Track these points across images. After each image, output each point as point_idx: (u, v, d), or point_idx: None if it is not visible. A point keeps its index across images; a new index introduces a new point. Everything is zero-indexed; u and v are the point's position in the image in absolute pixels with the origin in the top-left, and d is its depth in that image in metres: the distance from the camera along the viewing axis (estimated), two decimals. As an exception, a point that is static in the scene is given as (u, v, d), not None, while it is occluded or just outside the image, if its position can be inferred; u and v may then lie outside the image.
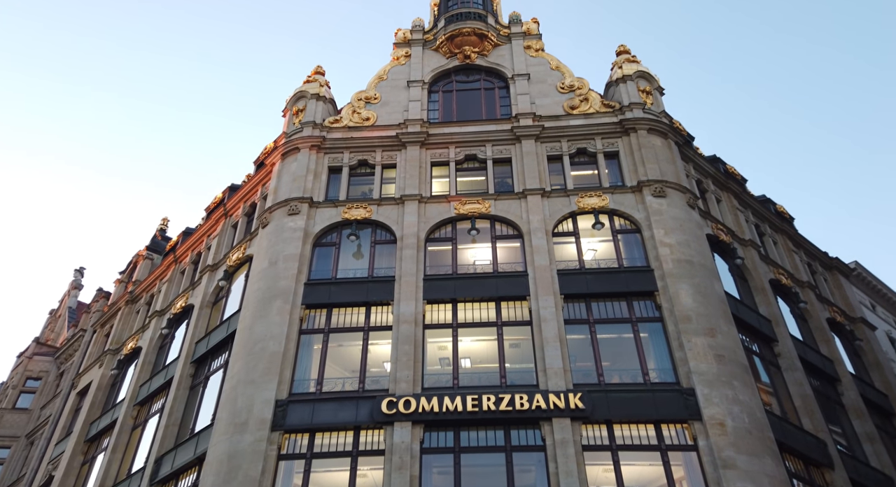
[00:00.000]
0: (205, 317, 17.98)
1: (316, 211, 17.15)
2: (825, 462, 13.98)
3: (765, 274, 18.17)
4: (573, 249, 16.13)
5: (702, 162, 19.55)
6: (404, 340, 14.00)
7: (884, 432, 17.94)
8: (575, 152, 18.04)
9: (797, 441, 13.78)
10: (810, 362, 16.90)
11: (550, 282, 14.91)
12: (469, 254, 16.52)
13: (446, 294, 15.12)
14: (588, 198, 16.64)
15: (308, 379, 13.97)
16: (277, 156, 19.11)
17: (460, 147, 18.45)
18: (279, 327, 14.38)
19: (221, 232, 20.52)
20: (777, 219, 21.79)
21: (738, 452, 11.76)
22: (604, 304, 14.92)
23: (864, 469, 15.19)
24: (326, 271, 16.00)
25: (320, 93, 20.23)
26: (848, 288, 23.30)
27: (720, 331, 13.89)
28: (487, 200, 16.89)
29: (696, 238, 15.89)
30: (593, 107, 18.82)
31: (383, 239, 16.71)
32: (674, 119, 19.67)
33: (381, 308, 15.04)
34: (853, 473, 14.51)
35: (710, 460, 11.78)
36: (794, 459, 13.52)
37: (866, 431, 16.67)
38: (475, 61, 20.66)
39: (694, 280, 14.69)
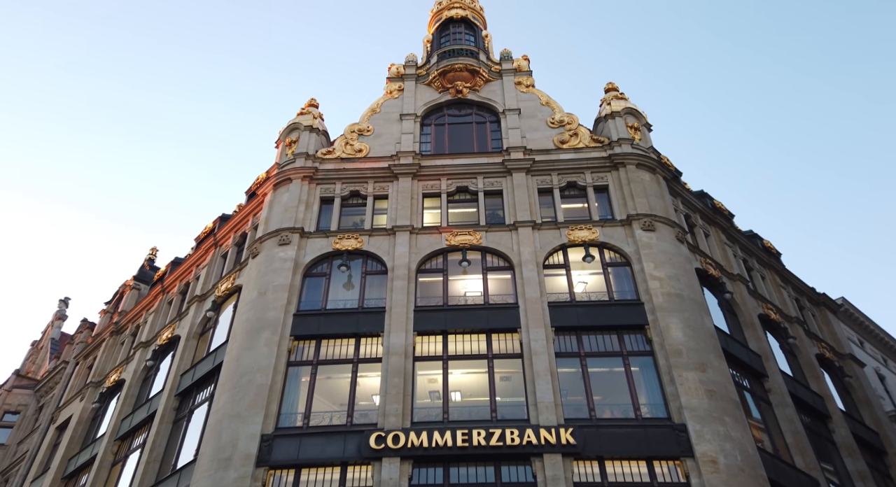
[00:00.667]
0: (191, 349, 17.68)
1: (307, 241, 17.12)
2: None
3: (753, 308, 18.27)
4: (564, 282, 16.17)
5: (689, 197, 19.86)
6: (394, 372, 13.81)
7: (875, 470, 17.78)
8: (565, 185, 18.28)
9: (790, 479, 13.61)
10: (801, 398, 16.85)
11: (541, 315, 14.88)
12: (460, 286, 16.49)
13: (437, 325, 15.03)
14: (578, 230, 16.78)
15: (295, 413, 13.67)
16: (269, 186, 19.17)
17: (452, 179, 18.63)
18: (267, 359, 14.16)
19: (211, 262, 20.39)
20: (764, 255, 22.04)
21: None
22: (594, 337, 14.88)
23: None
24: (316, 302, 15.87)
25: (313, 125, 20.46)
26: (836, 323, 23.44)
27: (711, 366, 13.85)
28: (479, 232, 16.97)
29: (686, 272, 16.00)
30: (583, 141, 19.17)
31: (374, 269, 16.67)
32: (661, 154, 20.05)
33: (370, 339, 14.89)
34: (847, 512, 14.31)
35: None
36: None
37: (858, 469, 16.52)
38: (467, 96, 21.07)
39: (684, 314, 14.73)
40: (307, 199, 18.25)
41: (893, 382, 25.18)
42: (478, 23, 24.53)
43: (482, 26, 24.78)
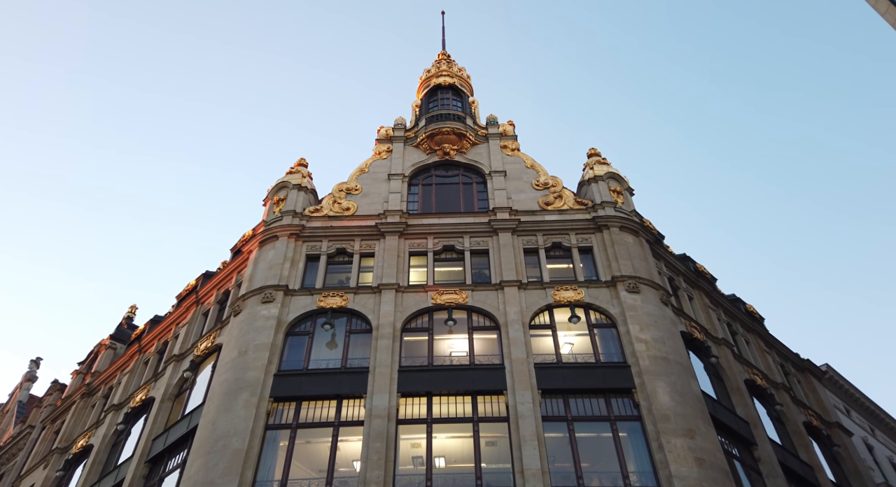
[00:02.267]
0: (165, 411, 16.93)
1: (291, 299, 16.89)
2: None
3: (739, 373, 18.15)
4: (550, 342, 16.00)
5: (672, 260, 20.15)
6: (376, 436, 13.27)
7: (871, 545, 17.20)
8: (550, 246, 18.48)
9: (785, 555, 13.05)
10: (791, 468, 16.46)
11: (528, 376, 14.61)
12: (445, 345, 16.23)
13: (421, 386, 14.64)
14: (564, 291, 16.81)
15: (271, 480, 12.94)
16: (255, 243, 19.10)
17: (438, 238, 18.76)
18: (244, 422, 13.58)
19: (192, 320, 19.94)
20: (748, 319, 22.17)
21: (726, 567, 11.03)
22: (582, 401, 14.57)
23: None
24: (298, 361, 15.45)
25: (302, 184, 20.70)
26: (821, 391, 23.33)
27: (699, 433, 13.56)
28: (465, 291, 16.91)
29: (671, 335, 15.97)
30: (567, 203, 19.58)
31: (359, 328, 16.39)
32: (644, 218, 20.50)
33: (352, 401, 14.40)
34: None
35: (698, 576, 10.98)
36: (784, 575, 12.71)
37: (854, 544, 15.95)
38: (454, 158, 21.61)
39: (671, 378, 14.57)
40: (293, 257, 18.16)
41: (882, 452, 24.83)
42: (465, 90, 25.57)
43: (469, 93, 25.82)
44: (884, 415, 27.03)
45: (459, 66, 27.02)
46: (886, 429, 27.02)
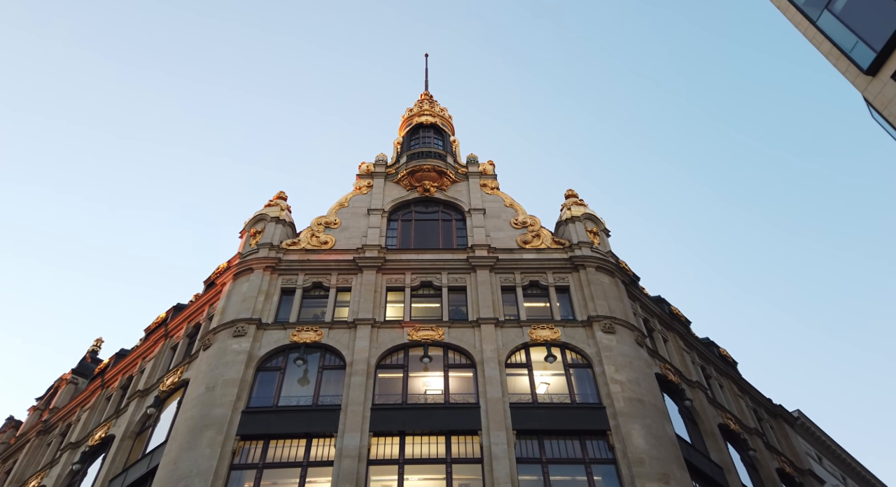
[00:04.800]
0: (125, 450, 16.16)
1: (263, 333, 16.53)
2: None
3: (713, 418, 18.13)
4: (526, 382, 15.85)
5: (648, 301, 20.35)
6: (346, 478, 12.82)
7: None
8: (528, 284, 18.55)
9: None
10: (766, 516, 16.31)
11: (503, 416, 14.38)
12: (420, 383, 15.95)
13: (394, 426, 14.28)
14: (541, 330, 16.78)
15: (233, 523, 12.34)
16: (229, 276, 18.79)
17: (416, 273, 18.70)
18: (208, 461, 13.02)
19: (159, 354, 19.32)
20: (721, 363, 22.32)
21: None
22: (557, 443, 14.34)
23: None
24: (268, 398, 15.00)
25: (280, 217, 20.61)
26: (794, 437, 23.38)
27: (674, 478, 13.42)
28: (441, 327, 16.77)
29: (646, 376, 15.97)
30: (545, 243, 19.79)
31: (332, 364, 16.05)
32: (620, 259, 20.79)
33: (322, 440, 13.95)
34: None
35: None
36: None
37: None
38: (434, 195, 21.82)
39: (646, 420, 14.48)
40: (267, 290, 17.89)
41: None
42: (446, 129, 26.07)
43: (450, 132, 26.32)
44: (855, 464, 27.12)
45: (441, 106, 27.65)
46: (858, 478, 27.06)
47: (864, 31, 12.79)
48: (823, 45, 14.03)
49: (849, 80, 13.83)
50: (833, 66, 14.00)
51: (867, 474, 27.30)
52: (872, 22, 12.62)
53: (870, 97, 13.32)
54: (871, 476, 27.45)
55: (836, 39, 13.57)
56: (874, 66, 12.51)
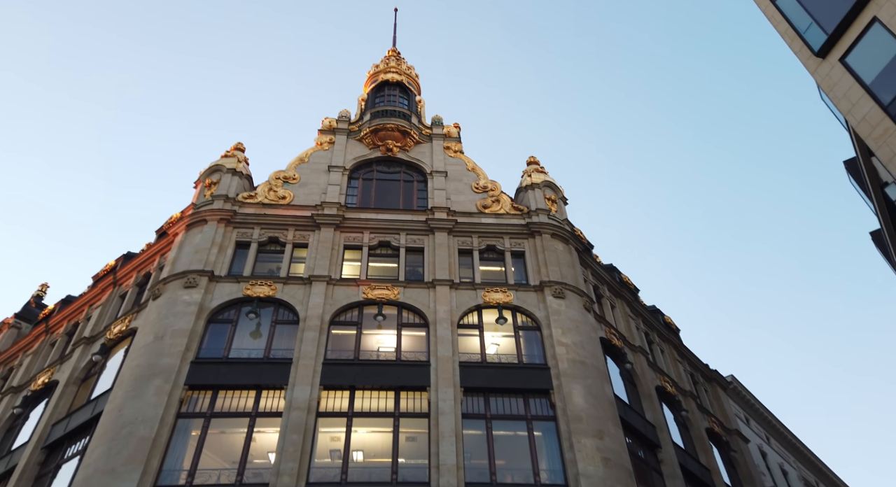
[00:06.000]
0: (69, 396, 16.03)
1: (216, 285, 16.41)
2: (702, 572, 14.13)
3: (651, 380, 19.16)
4: (476, 342, 16.34)
5: (599, 269, 21.02)
6: (294, 428, 13.12)
7: (756, 544, 18.59)
8: (484, 248, 18.86)
9: (677, 550, 13.92)
10: (690, 471, 17.53)
11: (452, 374, 14.86)
12: (374, 340, 16.24)
13: (345, 380, 14.60)
14: (494, 293, 17.20)
15: (179, 470, 12.53)
16: (182, 226, 18.41)
17: (375, 233, 18.75)
18: (154, 409, 13.08)
19: (107, 302, 19.00)
20: (664, 329, 23.42)
21: (621, 560, 11.66)
22: (501, 400, 14.97)
23: None
24: (218, 349, 15.02)
25: (237, 169, 20.15)
26: (725, 400, 24.95)
27: (608, 434, 14.25)
28: (397, 287, 16.99)
29: (591, 340, 16.68)
30: (504, 208, 20.05)
31: (285, 319, 16.13)
32: (575, 227, 21.28)
33: (272, 392, 14.17)
34: None
35: (595, 568, 11.56)
36: (675, 569, 13.56)
37: (741, 543, 17.18)
38: (397, 155, 21.66)
39: (587, 381, 15.22)
40: (221, 242, 17.65)
41: (774, 459, 26.84)
42: (412, 88, 25.66)
43: (416, 92, 25.93)
44: (780, 426, 29.23)
45: (408, 64, 27.10)
46: (781, 439, 29.23)
47: (818, 13, 12.99)
48: (781, 25, 14.27)
49: (801, 61, 14.21)
50: (788, 47, 14.30)
51: (788, 434, 29.49)
52: (827, 3, 12.83)
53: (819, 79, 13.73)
54: (792, 436, 29.68)
55: (793, 19, 13.76)
56: (824, 49, 12.78)
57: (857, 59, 12.53)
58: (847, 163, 18.05)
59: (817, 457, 30.91)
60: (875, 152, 12.50)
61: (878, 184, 15.03)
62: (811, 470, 30.47)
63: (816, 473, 30.84)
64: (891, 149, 12.04)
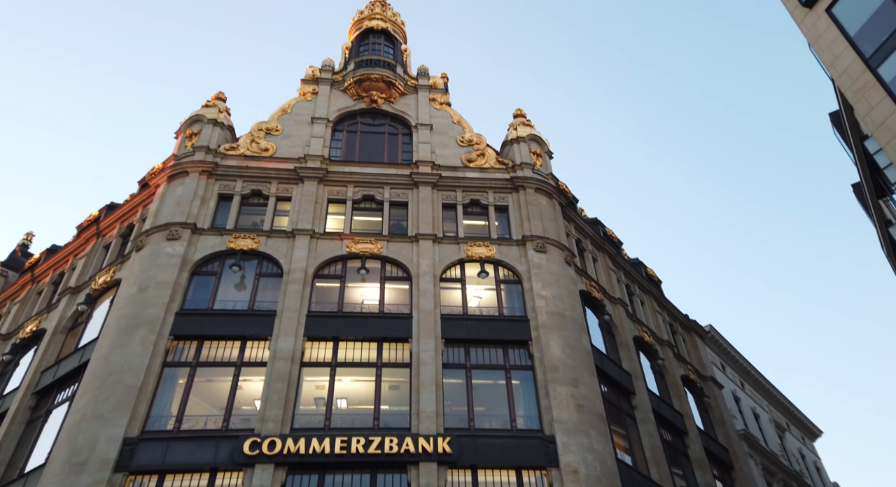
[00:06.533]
0: (57, 344, 16.38)
1: (199, 238, 16.48)
2: (667, 509, 15.10)
3: (630, 331, 19.75)
4: (458, 295, 16.68)
5: (582, 223, 21.20)
6: (278, 377, 13.58)
7: (722, 482, 19.73)
8: (468, 203, 18.93)
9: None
10: (663, 415, 18.38)
11: (433, 326, 15.26)
12: (357, 293, 16.55)
13: (328, 332, 14.98)
14: (477, 247, 17.42)
15: (167, 416, 13.04)
16: (163, 178, 18.28)
17: (359, 187, 18.72)
18: (140, 358, 13.44)
19: (91, 252, 19.10)
20: (645, 281, 23.90)
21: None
22: (482, 350, 15.46)
23: (701, 517, 16.55)
24: (202, 301, 15.28)
25: (218, 119, 19.81)
26: (702, 348, 25.81)
27: (583, 382, 14.84)
28: (380, 241, 17.15)
29: (570, 293, 17.07)
30: (489, 162, 19.97)
31: (269, 272, 16.34)
32: (560, 181, 21.30)
33: (257, 343, 14.55)
34: (690, 520, 15.76)
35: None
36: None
37: (706, 482, 18.23)
38: (381, 106, 21.30)
39: (564, 332, 15.69)
40: (203, 195, 17.60)
41: (747, 404, 28.08)
42: (398, 36, 24.92)
43: (402, 40, 25.20)
44: (754, 372, 30.40)
45: (394, 11, 26.18)
46: (755, 384, 30.46)
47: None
48: (771, -25, 13.92)
49: (789, 12, 13.94)
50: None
51: (762, 379, 30.72)
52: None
53: (805, 30, 13.53)
54: (765, 381, 30.93)
55: (783, -31, 13.46)
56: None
57: (843, 10, 12.33)
58: (832, 116, 18.01)
59: (789, 401, 32.32)
60: (854, 105, 12.51)
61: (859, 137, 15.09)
62: (783, 413, 31.93)
63: (788, 415, 32.33)
64: (869, 102, 12.04)
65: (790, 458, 28.29)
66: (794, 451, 29.80)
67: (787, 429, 30.94)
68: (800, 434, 32.64)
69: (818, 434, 34.39)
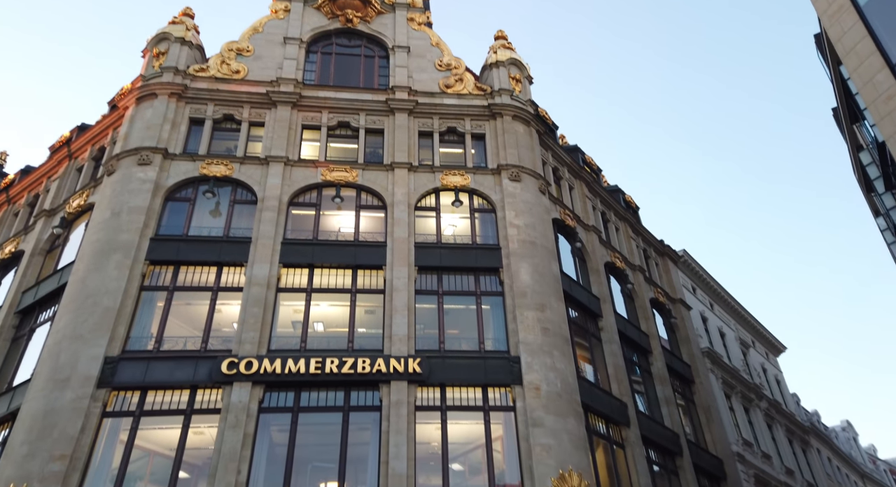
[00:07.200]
0: (36, 265, 16.74)
1: (171, 163, 16.40)
2: (623, 421, 16.40)
3: (602, 257, 20.36)
4: (433, 224, 16.99)
5: (560, 151, 21.17)
6: (254, 302, 14.11)
7: (681, 395, 21.25)
8: (445, 130, 18.76)
9: (602, 403, 16.00)
10: (629, 336, 19.42)
11: (407, 254, 15.67)
12: (333, 221, 16.79)
13: (304, 259, 15.35)
14: (452, 176, 17.50)
15: (146, 337, 13.66)
16: (132, 99, 17.82)
17: (334, 112, 18.41)
18: (116, 282, 13.84)
19: (64, 174, 19.01)
20: (622, 208, 24.27)
21: (546, 412, 13.50)
22: (454, 277, 16.01)
23: (655, 426, 17.98)
24: (178, 227, 15.49)
25: (186, 38, 18.99)
26: (674, 272, 26.74)
27: (550, 307, 15.56)
28: (355, 169, 17.15)
29: (542, 221, 17.42)
30: (467, 88, 19.56)
31: (244, 199, 16.43)
32: (541, 107, 21.00)
33: (233, 269, 14.94)
34: (646, 430, 17.16)
35: (524, 419, 13.42)
36: (598, 418, 15.72)
37: (665, 396, 19.65)
38: (357, 26, 20.45)
39: (534, 260, 16.20)
40: (174, 118, 17.28)
41: (714, 323, 29.50)
42: (374, -53, 23.36)
43: (379, -49, 23.64)
44: (724, 293, 31.66)
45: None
46: (724, 304, 31.83)
47: None
48: None
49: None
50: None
51: (731, 300, 32.07)
52: None
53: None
54: (734, 301, 32.30)
55: None
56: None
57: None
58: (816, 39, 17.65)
59: (756, 319, 33.91)
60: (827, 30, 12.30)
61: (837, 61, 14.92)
62: (749, 331, 33.61)
63: (753, 333, 34.05)
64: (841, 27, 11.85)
65: (752, 372, 30.16)
66: (757, 366, 31.70)
67: (752, 346, 32.70)
68: (764, 350, 34.54)
69: (782, 349, 36.40)
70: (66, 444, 11.67)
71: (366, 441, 13.08)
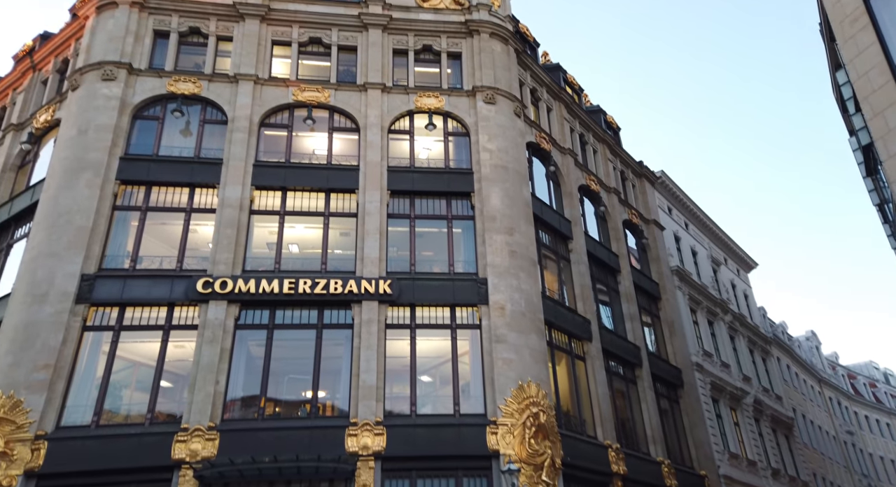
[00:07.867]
0: (8, 181, 16.76)
1: (136, 79, 15.95)
2: (585, 336, 17.49)
3: (576, 180, 20.59)
4: (407, 147, 16.96)
5: (539, 71, 20.66)
6: (227, 224, 14.39)
7: (647, 311, 22.39)
8: (420, 49, 18.18)
9: (566, 320, 16.97)
10: (598, 257, 20.13)
11: (379, 178, 15.80)
12: (306, 143, 16.69)
13: (276, 181, 15.46)
14: (426, 98, 17.22)
15: (122, 256, 14.03)
16: (91, 8, 16.94)
17: (305, 27, 17.67)
18: (88, 200, 13.97)
19: (29, 87, 18.49)
20: (601, 130, 24.11)
21: (509, 330, 14.40)
22: (426, 201, 16.28)
23: (617, 340, 19.19)
24: (147, 146, 15.38)
25: (144, -60, 17.66)
26: (651, 193, 27.12)
27: (518, 231, 16.03)
28: (328, 89, 16.80)
29: (516, 145, 17.43)
30: (444, 2, 18.70)
31: (214, 118, 16.20)
32: (521, 23, 20.21)
33: (206, 190, 15.06)
34: (607, 344, 18.33)
35: (488, 336, 14.33)
36: (561, 334, 16.75)
37: (630, 312, 20.75)
38: (328, -72, 19.01)
39: (505, 184, 16.43)
40: (137, 31, 16.56)
41: (687, 242, 30.37)
42: None
43: None
44: (699, 212, 32.30)
45: None
46: (699, 223, 32.57)
47: None
48: None
49: None
50: None
51: (706, 219, 32.79)
52: None
53: None
54: (709, 219, 33.05)
55: None
56: None
57: None
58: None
59: (729, 237, 34.82)
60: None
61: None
62: (721, 249, 34.64)
63: (726, 250, 35.11)
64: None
65: (720, 288, 31.51)
66: (726, 282, 33.04)
67: (724, 263, 33.87)
68: (735, 266, 35.78)
69: (753, 265, 37.70)
70: (49, 355, 12.36)
71: (339, 355, 13.97)
